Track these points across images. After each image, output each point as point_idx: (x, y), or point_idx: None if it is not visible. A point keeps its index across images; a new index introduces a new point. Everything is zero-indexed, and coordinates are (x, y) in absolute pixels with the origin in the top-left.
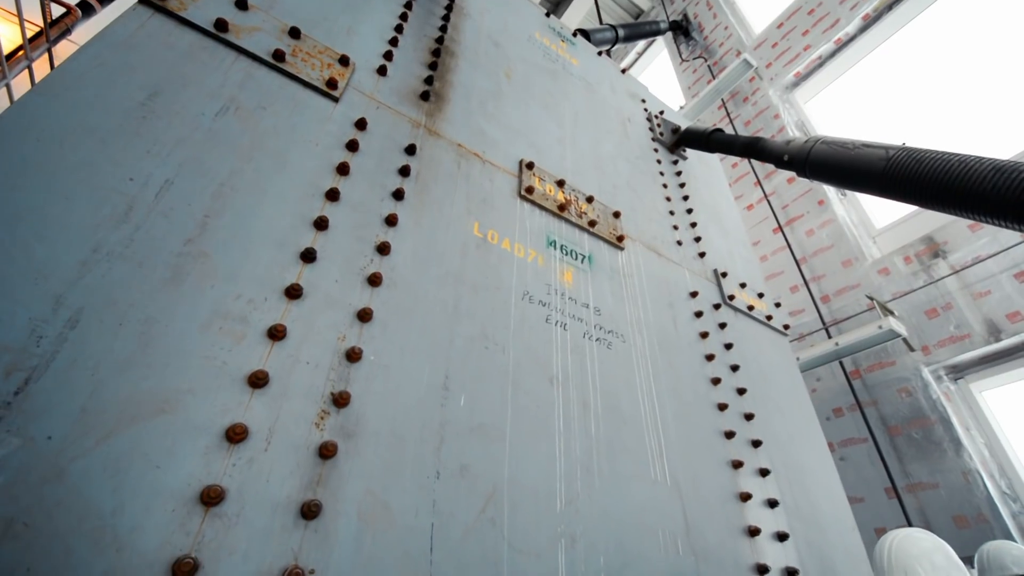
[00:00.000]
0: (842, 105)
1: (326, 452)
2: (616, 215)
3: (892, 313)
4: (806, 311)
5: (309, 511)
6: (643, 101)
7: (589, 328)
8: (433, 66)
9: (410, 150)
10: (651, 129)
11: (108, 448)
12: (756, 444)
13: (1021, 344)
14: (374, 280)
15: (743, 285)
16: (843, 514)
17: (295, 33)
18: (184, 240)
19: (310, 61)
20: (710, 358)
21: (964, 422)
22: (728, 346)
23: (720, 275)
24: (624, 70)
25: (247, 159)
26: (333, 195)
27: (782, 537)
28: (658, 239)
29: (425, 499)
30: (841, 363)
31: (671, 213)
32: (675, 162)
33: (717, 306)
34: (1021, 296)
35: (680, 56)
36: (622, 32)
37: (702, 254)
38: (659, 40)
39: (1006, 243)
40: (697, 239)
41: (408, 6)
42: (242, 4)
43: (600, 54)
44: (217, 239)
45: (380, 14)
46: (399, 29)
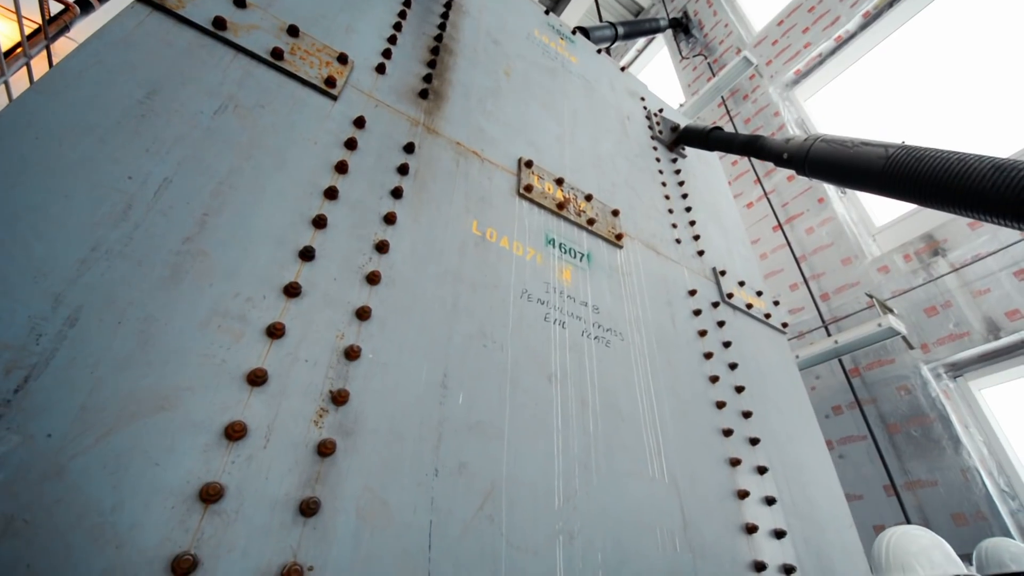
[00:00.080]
0: (842, 103)
1: (325, 450)
2: (615, 213)
3: (891, 311)
4: (806, 309)
5: (308, 508)
6: (642, 99)
7: (588, 326)
8: (432, 64)
9: (409, 148)
10: (650, 127)
11: (108, 445)
12: (754, 442)
13: (1020, 342)
14: (373, 278)
15: (742, 283)
16: (841, 511)
17: (294, 31)
18: (183, 238)
19: (309, 59)
20: (708, 356)
21: (963, 420)
22: (727, 344)
23: (719, 273)
24: (624, 68)
25: (246, 157)
26: (332, 193)
27: (779, 534)
28: (657, 237)
29: (423, 496)
30: (840, 361)
31: (670, 211)
32: (674, 160)
33: (716, 304)
34: (1020, 294)
35: (680, 53)
36: (622, 30)
37: (701, 252)
38: (659, 38)
39: (1006, 241)
40: (696, 237)
41: (407, 4)
42: (240, 2)
43: (599, 52)
44: (216, 237)
45: (379, 12)
46: (398, 27)
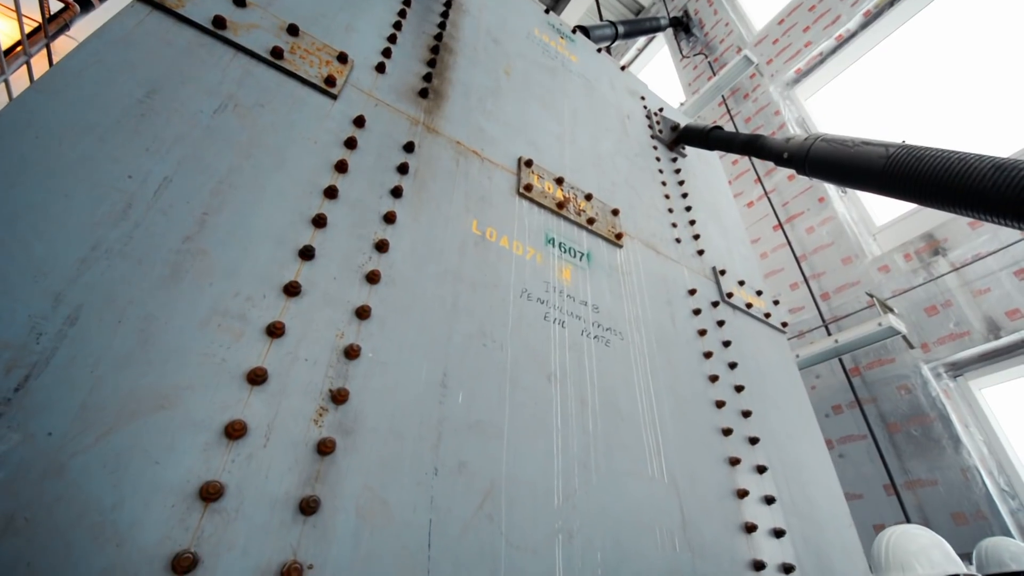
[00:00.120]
0: (843, 102)
1: (324, 448)
2: (615, 213)
3: (892, 310)
4: (806, 308)
5: (308, 507)
6: (642, 98)
7: (587, 325)
8: (432, 63)
9: (408, 148)
10: (650, 126)
11: (108, 444)
12: (753, 441)
13: (1020, 342)
14: (372, 277)
15: (742, 283)
16: (840, 510)
17: (293, 30)
18: (183, 237)
19: (308, 58)
20: (708, 355)
21: (963, 419)
22: (726, 343)
23: (719, 272)
24: (624, 67)
25: (246, 156)
26: (331, 192)
27: (779, 533)
28: (657, 237)
29: (423, 495)
30: (841, 360)
31: (670, 211)
32: (674, 159)
33: (715, 303)
34: (1021, 294)
35: (680, 52)
36: (622, 29)
37: (701, 252)
38: (659, 36)
39: (1006, 240)
40: (696, 237)
41: (407, 3)
42: (240, 1)
43: (599, 51)
44: (216, 236)
45: (379, 11)
46: (398, 26)
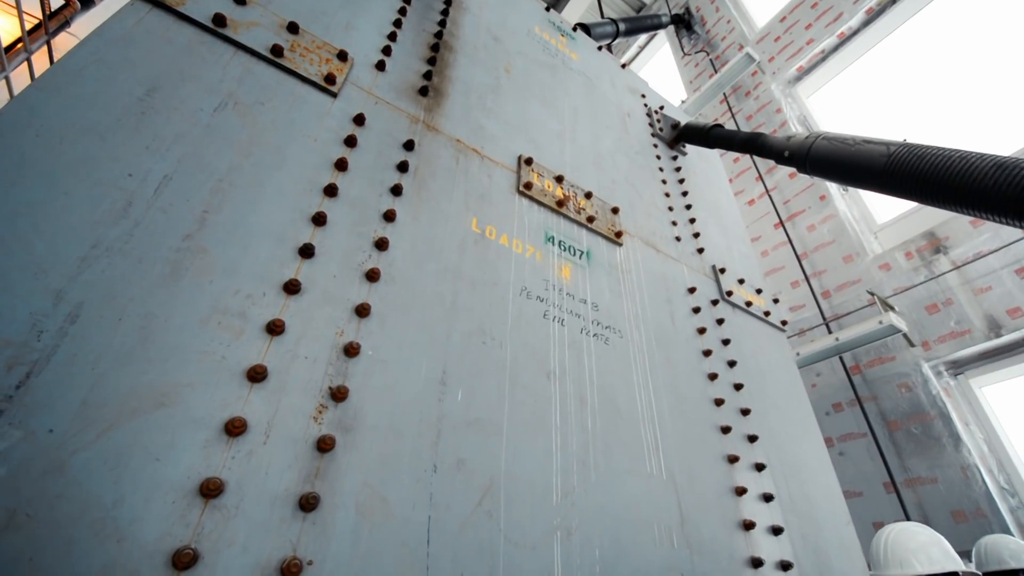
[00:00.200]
0: (845, 100)
1: (324, 446)
2: (615, 211)
3: (893, 308)
4: (807, 306)
5: (307, 504)
6: (643, 96)
7: (587, 324)
8: (432, 61)
9: (408, 146)
10: (651, 124)
11: (109, 441)
12: (752, 439)
13: (1021, 340)
14: (372, 276)
15: (741, 281)
16: (838, 508)
17: (293, 28)
18: (183, 236)
19: (308, 56)
20: (707, 354)
21: (963, 417)
22: (726, 342)
23: (718, 271)
24: (625, 64)
25: (246, 155)
26: (331, 191)
27: (777, 531)
28: (657, 235)
29: (422, 492)
30: (841, 358)
31: (670, 209)
32: (674, 158)
33: (715, 302)
34: (1022, 292)
35: (682, 50)
36: (623, 26)
37: (701, 250)
38: (661, 34)
39: (1008, 239)
40: (696, 235)
41: (407, 1)
42: None
43: (600, 49)
44: (216, 235)
45: (379, 9)
46: (398, 24)
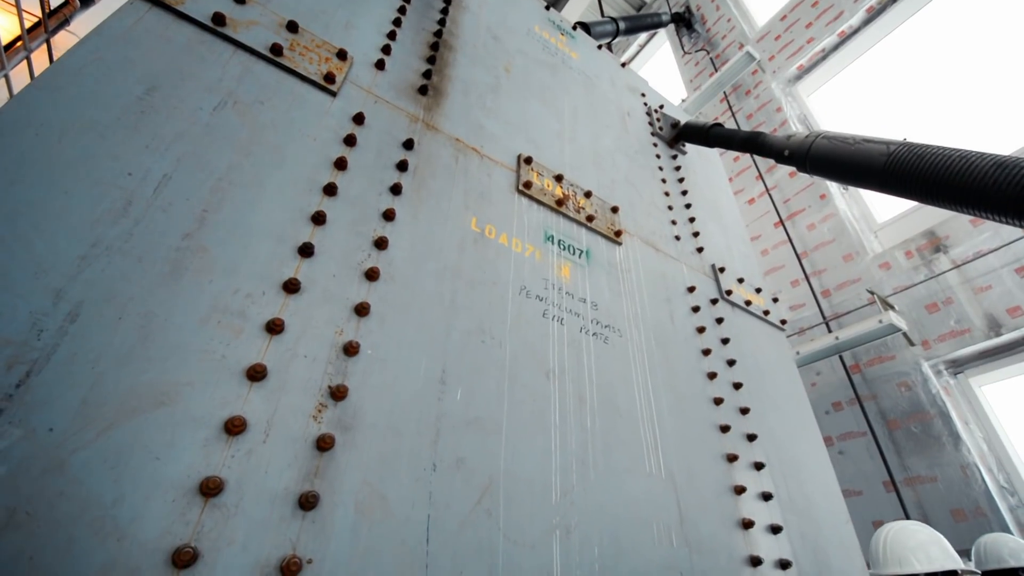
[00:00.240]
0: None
1: (324, 444)
2: (614, 210)
3: (892, 307)
4: (807, 305)
5: (307, 502)
6: (643, 95)
7: (586, 323)
8: (431, 60)
9: (408, 145)
10: (650, 123)
11: (109, 440)
12: (751, 438)
13: (1021, 339)
14: (371, 275)
15: (741, 280)
16: (837, 507)
17: (293, 27)
18: (183, 235)
19: (308, 55)
20: (707, 353)
21: (963, 416)
22: (725, 341)
23: (718, 270)
24: (625, 63)
25: (245, 154)
26: (331, 190)
27: (776, 530)
28: (656, 234)
29: (422, 491)
30: (841, 357)
31: (669, 208)
32: (674, 157)
33: (714, 301)
34: (1022, 291)
35: (682, 49)
36: (623, 25)
37: (700, 249)
38: (661, 32)
39: (1008, 238)
40: (695, 234)
41: None
42: None
43: (600, 47)
44: (215, 234)
45: (378, 7)
46: (397, 23)
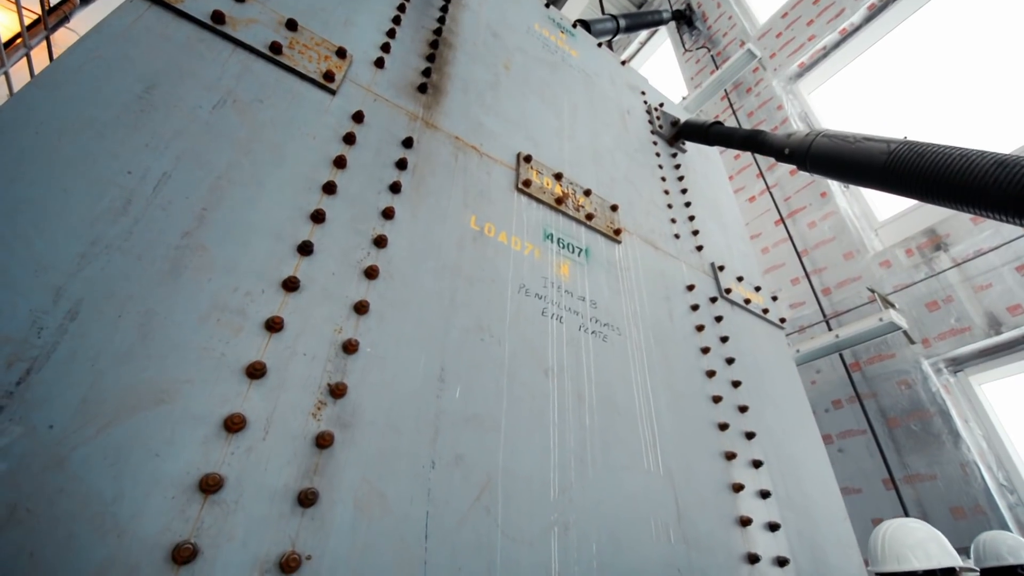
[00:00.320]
0: (846, 96)
1: (323, 442)
2: (614, 208)
3: (893, 306)
4: (807, 303)
5: (306, 499)
6: (643, 93)
7: (585, 321)
8: (431, 58)
9: (407, 143)
10: (650, 122)
11: (109, 437)
12: (750, 436)
13: (1021, 337)
14: (371, 273)
15: (740, 279)
16: (835, 505)
17: (292, 25)
18: (182, 233)
19: (307, 53)
20: (705, 351)
21: (963, 414)
22: (724, 339)
23: (717, 268)
24: (625, 61)
25: (244, 152)
26: (330, 188)
27: (774, 527)
28: (655, 232)
29: (420, 488)
30: (841, 355)
31: (669, 206)
32: (674, 155)
33: (714, 299)
34: (1022, 289)
35: (683, 46)
36: (623, 22)
37: (700, 247)
38: (662, 30)
39: (1008, 236)
40: (695, 232)
41: None
42: None
43: (600, 45)
44: (215, 232)
45: (378, 5)
46: (397, 21)
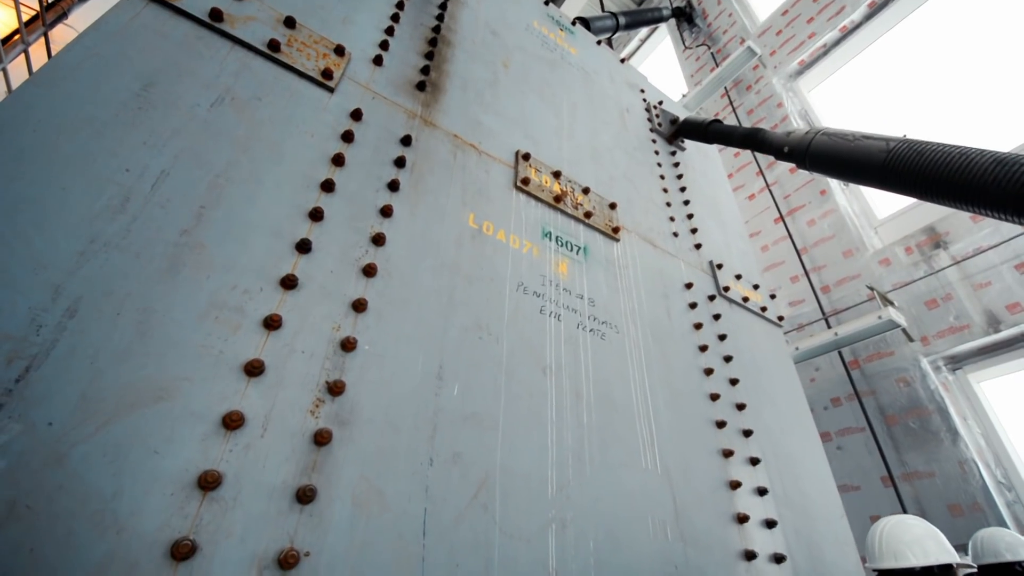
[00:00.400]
0: (846, 94)
1: (321, 439)
2: (612, 206)
3: (892, 303)
4: (806, 301)
5: (304, 496)
6: (642, 91)
7: (583, 319)
8: (430, 56)
9: (406, 141)
10: (649, 120)
11: (108, 434)
12: (747, 433)
13: (1020, 335)
14: (369, 271)
15: (739, 277)
16: (832, 502)
17: (290, 23)
18: (180, 231)
19: (305, 51)
20: (703, 349)
21: (961, 412)
22: (722, 337)
23: (715, 266)
24: (624, 59)
25: (243, 150)
26: (328, 186)
27: (770, 524)
28: (654, 230)
29: (418, 485)
30: (840, 353)
31: (668, 204)
32: (673, 153)
33: (712, 297)
34: (1021, 287)
35: (683, 44)
36: (623, 20)
37: (698, 245)
38: (662, 27)
39: (1008, 234)
40: (693, 231)
41: None
42: None
43: (599, 43)
44: (213, 230)
45: (376, 3)
46: (395, 18)
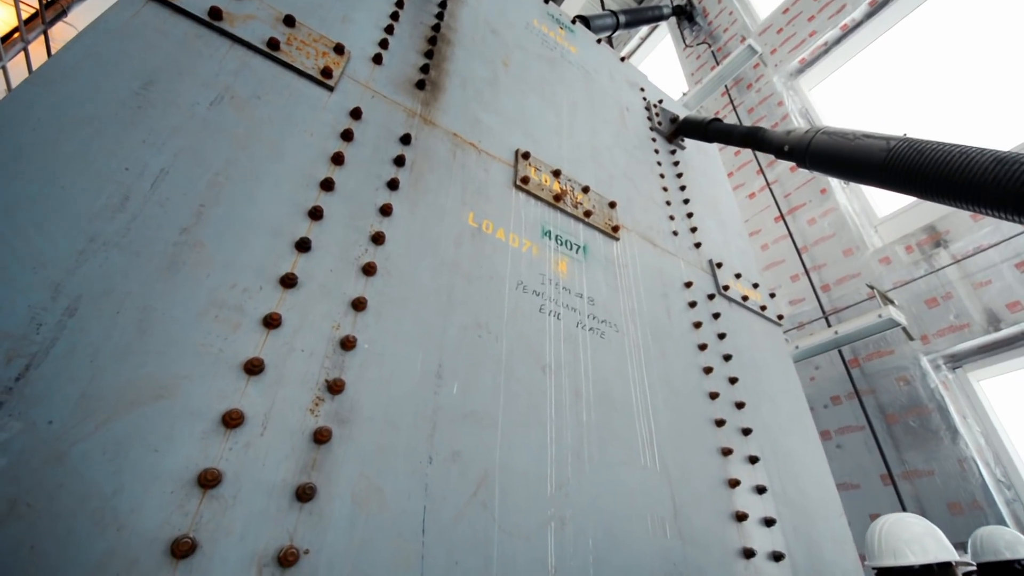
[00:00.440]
0: (847, 93)
1: (320, 437)
2: (612, 205)
3: (892, 302)
4: (806, 300)
5: (304, 494)
6: (642, 90)
7: (582, 318)
8: (429, 54)
9: (405, 139)
10: (649, 118)
11: (108, 432)
12: (746, 432)
13: (1020, 334)
14: (368, 269)
15: (738, 275)
16: (831, 501)
17: (290, 21)
18: (180, 229)
19: (305, 49)
20: (703, 347)
21: (961, 411)
22: (721, 336)
23: (715, 265)
24: (624, 57)
25: (242, 148)
26: (328, 185)
27: (769, 522)
28: (654, 229)
29: (417, 483)
30: (840, 352)
31: (667, 203)
32: (673, 152)
33: (711, 296)
34: (1022, 286)
35: (684, 42)
36: (623, 18)
37: (698, 244)
38: (662, 26)
39: (1008, 233)
40: (693, 229)
41: None
42: None
43: (599, 42)
44: (213, 228)
45: (376, 1)
46: (395, 16)
